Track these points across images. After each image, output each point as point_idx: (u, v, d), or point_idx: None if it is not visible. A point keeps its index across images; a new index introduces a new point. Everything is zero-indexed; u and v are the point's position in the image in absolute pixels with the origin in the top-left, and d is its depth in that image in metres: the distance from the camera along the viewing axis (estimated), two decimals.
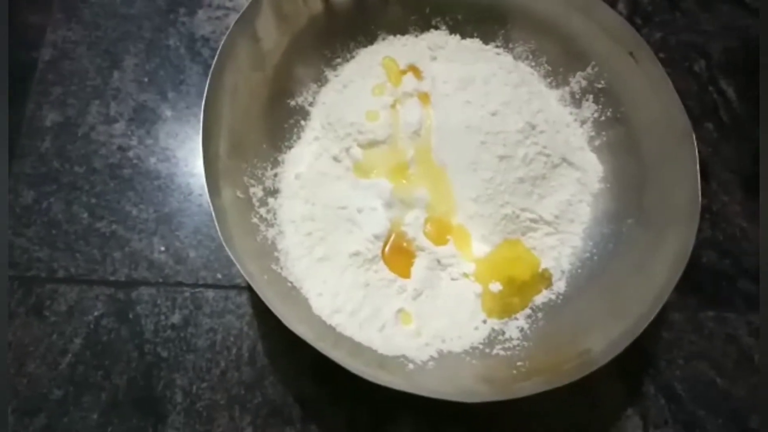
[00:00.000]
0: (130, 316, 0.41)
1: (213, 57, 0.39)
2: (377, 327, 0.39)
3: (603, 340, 0.36)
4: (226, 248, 0.35)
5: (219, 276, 0.43)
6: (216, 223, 0.35)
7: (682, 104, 0.42)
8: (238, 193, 0.40)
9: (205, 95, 0.38)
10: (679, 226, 0.39)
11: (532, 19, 0.47)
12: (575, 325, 0.40)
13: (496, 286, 0.42)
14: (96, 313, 0.41)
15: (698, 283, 0.46)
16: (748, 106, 0.52)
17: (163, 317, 0.42)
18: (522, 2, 0.47)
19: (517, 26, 0.48)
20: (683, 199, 0.40)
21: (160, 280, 0.43)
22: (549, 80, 0.48)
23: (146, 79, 0.49)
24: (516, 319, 0.41)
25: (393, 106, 0.45)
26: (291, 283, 0.39)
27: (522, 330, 0.41)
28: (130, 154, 0.46)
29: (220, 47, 0.39)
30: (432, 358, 0.39)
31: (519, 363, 0.38)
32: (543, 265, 0.43)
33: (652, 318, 0.35)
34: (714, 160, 0.50)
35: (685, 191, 0.40)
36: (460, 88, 0.45)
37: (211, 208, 0.36)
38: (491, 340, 0.40)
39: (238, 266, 0.35)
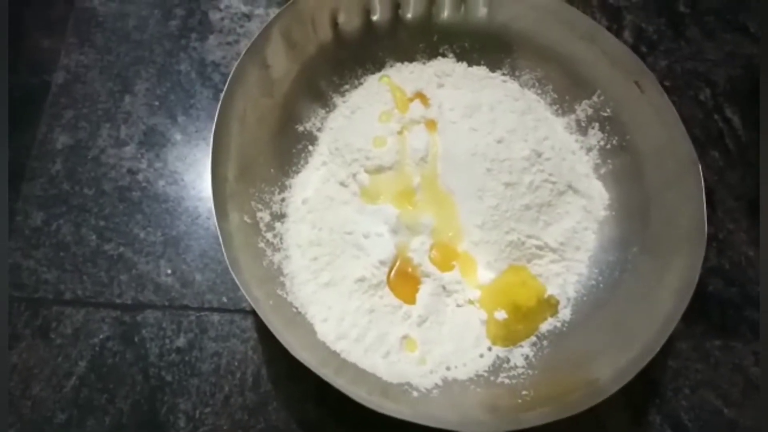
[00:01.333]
0: (136, 339, 0.41)
1: (223, 82, 0.40)
2: (382, 353, 0.39)
3: (609, 369, 0.36)
4: (232, 273, 0.35)
5: (224, 300, 0.43)
6: (222, 247, 0.36)
7: (687, 133, 0.42)
8: (245, 218, 0.40)
9: (215, 121, 0.38)
10: (685, 255, 0.39)
11: (538, 48, 0.48)
12: (581, 354, 0.39)
13: (501, 314, 0.41)
14: (101, 336, 0.41)
15: (705, 311, 0.45)
16: (753, 133, 0.52)
17: (168, 341, 0.42)
18: (528, 31, 0.48)
19: (523, 54, 0.48)
20: (689, 228, 0.40)
21: (166, 303, 0.43)
22: (555, 108, 0.48)
23: (157, 103, 0.49)
24: (521, 346, 0.41)
25: (400, 132, 0.45)
26: (296, 308, 0.40)
27: (527, 358, 0.40)
28: (140, 177, 0.47)
29: (230, 74, 0.40)
30: (437, 385, 0.38)
31: (524, 392, 0.38)
32: (548, 293, 0.43)
33: (659, 348, 0.35)
34: (719, 188, 0.50)
35: (691, 219, 0.40)
36: (467, 116, 0.45)
37: (218, 231, 0.36)
38: (496, 368, 0.40)
39: (243, 291, 0.35)
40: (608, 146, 0.46)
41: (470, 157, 0.43)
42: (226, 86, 0.39)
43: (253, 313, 0.42)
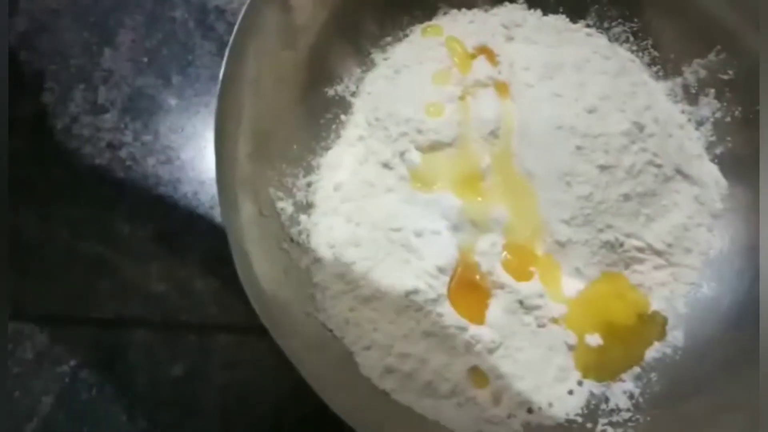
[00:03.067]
0: (118, 367, 0.36)
1: (229, 33, 0.33)
2: (443, 393, 0.33)
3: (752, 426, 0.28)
4: (243, 282, 0.29)
5: (234, 315, 0.37)
6: (231, 250, 0.29)
7: None
8: (262, 209, 0.34)
9: (219, 83, 0.31)
10: None
11: None
12: (706, 394, 0.32)
13: (594, 338, 0.35)
14: (73, 363, 0.36)
15: None
16: None
17: (161, 369, 0.36)
18: None
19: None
20: None
21: (158, 319, 0.38)
22: (655, 69, 0.41)
23: (145, 59, 0.44)
24: (622, 381, 0.34)
25: (462, 98, 0.38)
26: (330, 330, 0.33)
27: (632, 397, 0.34)
28: (123, 153, 0.41)
29: (239, 19, 0.33)
30: None
31: None
32: (653, 308, 0.36)
33: None
34: None
35: None
36: (546, 77, 0.38)
37: (226, 228, 0.30)
38: (592, 411, 0.33)
39: (256, 308, 0.28)
40: (727, 119, 0.38)
41: (554, 132, 0.36)
42: (233, 36, 0.32)
43: None
